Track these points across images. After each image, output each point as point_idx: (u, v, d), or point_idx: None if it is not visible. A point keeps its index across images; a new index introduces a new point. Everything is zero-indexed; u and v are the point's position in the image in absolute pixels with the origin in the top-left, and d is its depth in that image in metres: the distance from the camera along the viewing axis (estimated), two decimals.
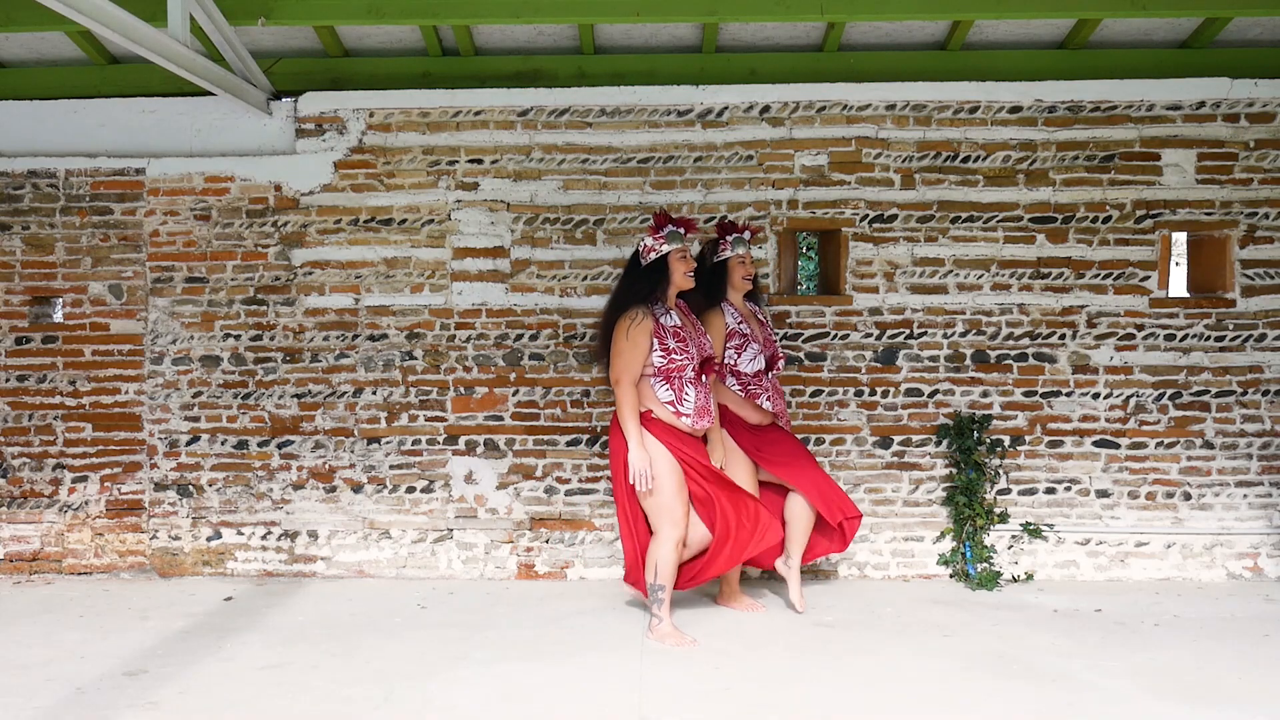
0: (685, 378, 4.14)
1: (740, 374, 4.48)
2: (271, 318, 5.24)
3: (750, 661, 3.85)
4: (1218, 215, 5.13)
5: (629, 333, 4.09)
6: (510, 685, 3.58)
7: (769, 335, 4.64)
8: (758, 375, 4.50)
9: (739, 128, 5.17)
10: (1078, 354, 5.16)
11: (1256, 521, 5.14)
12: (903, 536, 5.16)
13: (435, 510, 5.22)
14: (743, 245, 4.53)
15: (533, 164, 5.21)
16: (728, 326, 4.48)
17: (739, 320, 4.51)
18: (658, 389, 4.14)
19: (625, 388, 4.09)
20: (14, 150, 5.27)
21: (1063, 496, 5.16)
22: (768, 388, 4.53)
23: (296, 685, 3.59)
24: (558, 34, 5.11)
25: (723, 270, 4.55)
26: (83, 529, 5.25)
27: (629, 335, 4.08)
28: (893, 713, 3.34)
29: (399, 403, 5.22)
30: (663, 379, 4.14)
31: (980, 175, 5.16)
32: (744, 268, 4.53)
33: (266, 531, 5.24)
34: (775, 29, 5.06)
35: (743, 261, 4.53)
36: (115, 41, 3.92)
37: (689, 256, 4.26)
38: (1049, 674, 3.69)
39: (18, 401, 5.26)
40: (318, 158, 5.22)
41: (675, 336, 4.13)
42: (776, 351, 4.62)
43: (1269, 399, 5.14)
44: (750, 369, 4.48)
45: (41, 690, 3.53)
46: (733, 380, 4.50)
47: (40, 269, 5.26)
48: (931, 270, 5.16)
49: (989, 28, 5.04)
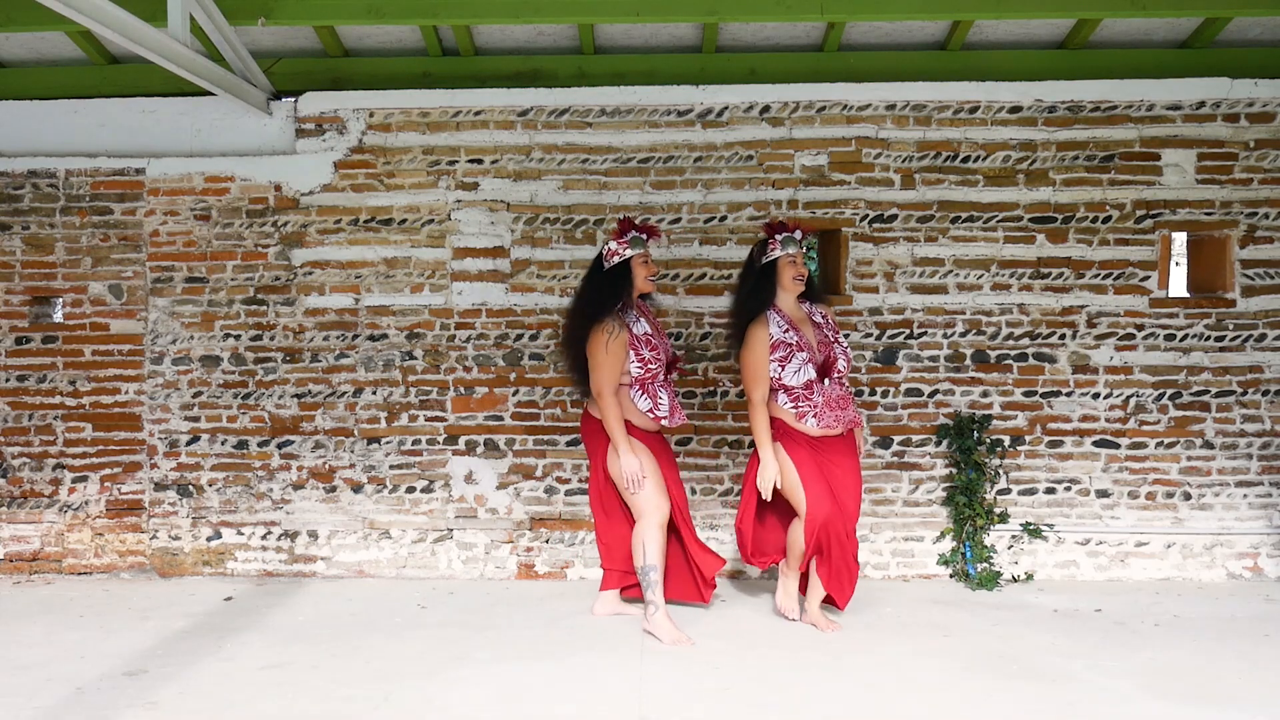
0: (658, 383, 4.29)
1: (790, 389, 4.15)
2: (271, 318, 5.24)
3: (750, 661, 3.85)
4: (1218, 215, 5.13)
5: (608, 346, 4.15)
6: (510, 685, 3.58)
7: (826, 337, 4.26)
8: (809, 386, 4.14)
9: (739, 128, 5.17)
10: (1078, 354, 5.16)
11: (1256, 521, 5.14)
12: (903, 536, 5.16)
13: (435, 510, 5.22)
14: (793, 244, 4.21)
15: (533, 164, 5.20)
16: (771, 337, 4.15)
17: (784, 329, 4.17)
18: (636, 399, 4.26)
19: (608, 398, 4.18)
20: (14, 150, 5.27)
21: (1063, 496, 5.16)
22: (818, 402, 4.13)
23: (296, 685, 3.59)
24: (558, 34, 5.11)
25: (771, 272, 4.24)
26: (83, 529, 5.25)
27: (608, 349, 4.15)
28: (892, 712, 3.34)
29: (399, 403, 5.22)
30: (639, 388, 4.26)
31: (980, 175, 5.16)
32: (794, 268, 4.21)
33: (266, 531, 5.24)
34: (775, 29, 5.06)
35: (793, 261, 4.22)
36: (115, 41, 3.92)
37: (650, 262, 4.35)
38: (1049, 674, 3.69)
39: (18, 401, 5.26)
40: (318, 158, 5.22)
41: (648, 345, 4.24)
42: (832, 355, 4.20)
43: (1269, 399, 5.14)
44: (798, 381, 4.12)
45: (41, 690, 3.53)
46: (783, 396, 4.18)
47: (40, 269, 5.26)
48: (931, 270, 5.16)
49: (989, 28, 5.04)
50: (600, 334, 4.17)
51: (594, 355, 4.19)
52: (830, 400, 4.17)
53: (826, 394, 4.16)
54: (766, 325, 4.18)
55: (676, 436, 5.17)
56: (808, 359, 4.15)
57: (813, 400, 4.15)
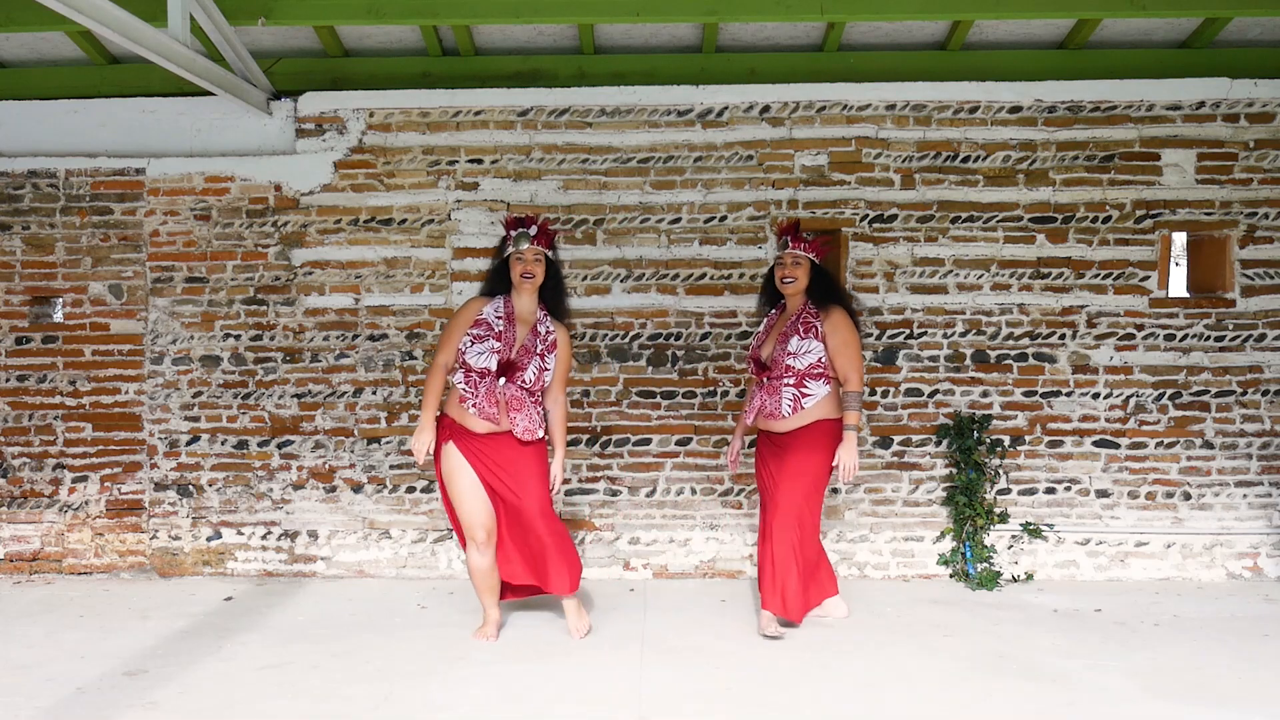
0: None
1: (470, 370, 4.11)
2: (271, 318, 5.24)
3: (750, 661, 3.85)
4: (1218, 215, 5.13)
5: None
6: (510, 685, 3.58)
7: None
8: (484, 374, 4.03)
9: (739, 128, 5.17)
10: (1078, 354, 5.16)
11: (1256, 521, 5.14)
12: (903, 536, 5.16)
13: (435, 510, 5.22)
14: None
15: (533, 164, 5.20)
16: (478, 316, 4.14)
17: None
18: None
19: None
20: (14, 150, 5.27)
21: (1063, 496, 5.16)
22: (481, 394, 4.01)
23: (296, 685, 3.59)
24: (558, 34, 5.11)
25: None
26: (83, 529, 5.25)
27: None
28: (892, 712, 3.34)
29: (399, 403, 5.22)
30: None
31: (980, 175, 5.16)
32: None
33: (266, 531, 5.24)
34: (775, 29, 5.06)
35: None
36: (115, 41, 3.92)
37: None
38: (1049, 674, 3.69)
39: (18, 401, 5.26)
40: (318, 158, 5.22)
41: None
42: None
43: (1269, 399, 5.14)
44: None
45: (41, 690, 3.53)
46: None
47: (40, 269, 5.26)
48: (931, 270, 5.16)
49: (989, 28, 5.04)
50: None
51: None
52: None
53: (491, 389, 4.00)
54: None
55: (676, 436, 5.18)
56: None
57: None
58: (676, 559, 5.19)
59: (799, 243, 4.27)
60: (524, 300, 4.14)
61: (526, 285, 4.09)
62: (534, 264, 4.07)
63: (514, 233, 4.08)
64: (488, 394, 4.00)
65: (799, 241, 4.27)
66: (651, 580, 5.15)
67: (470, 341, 4.03)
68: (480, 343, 4.03)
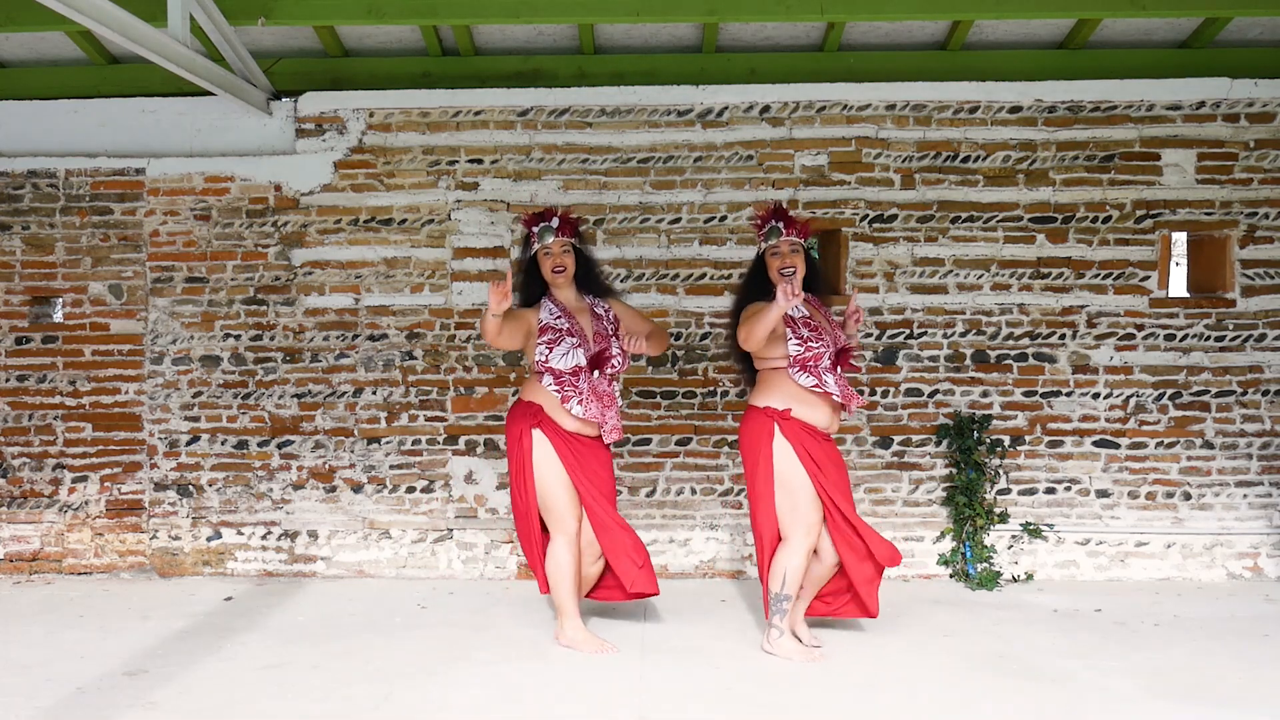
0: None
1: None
2: (271, 318, 5.24)
3: (750, 661, 3.85)
4: (1218, 215, 5.13)
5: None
6: (510, 685, 3.58)
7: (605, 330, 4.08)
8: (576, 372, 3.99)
9: (739, 128, 5.17)
10: (1078, 354, 5.16)
11: (1256, 521, 5.14)
12: (903, 536, 5.15)
13: (435, 510, 5.22)
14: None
15: (533, 164, 5.20)
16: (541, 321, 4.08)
17: (555, 315, 4.08)
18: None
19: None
20: (14, 150, 5.27)
21: (1063, 496, 5.16)
22: (583, 389, 4.00)
23: (296, 685, 3.59)
24: (558, 34, 5.11)
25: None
26: (83, 529, 5.25)
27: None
28: (892, 712, 3.34)
29: (399, 403, 5.22)
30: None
31: (980, 175, 5.16)
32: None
33: (266, 531, 5.24)
34: (775, 29, 5.06)
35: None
36: (115, 41, 3.92)
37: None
38: (1049, 674, 3.69)
39: (18, 401, 5.26)
40: (318, 158, 5.21)
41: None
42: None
43: (1269, 399, 5.14)
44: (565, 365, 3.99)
45: (41, 690, 3.53)
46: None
47: (40, 269, 5.26)
48: (931, 270, 5.16)
49: (989, 28, 5.04)
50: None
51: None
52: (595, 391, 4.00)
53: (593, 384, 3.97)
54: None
55: (676, 436, 5.18)
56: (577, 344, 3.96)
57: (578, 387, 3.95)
58: (676, 559, 5.19)
59: (793, 228, 4.01)
60: (565, 294, 4.10)
61: (560, 279, 4.05)
62: (563, 256, 4.04)
63: (536, 229, 4.05)
64: (592, 391, 3.94)
65: (793, 227, 4.01)
66: None
67: (546, 349, 3.95)
68: (558, 345, 3.94)
